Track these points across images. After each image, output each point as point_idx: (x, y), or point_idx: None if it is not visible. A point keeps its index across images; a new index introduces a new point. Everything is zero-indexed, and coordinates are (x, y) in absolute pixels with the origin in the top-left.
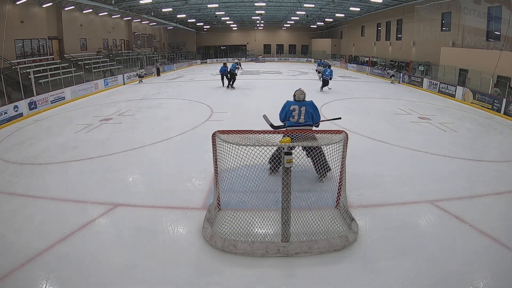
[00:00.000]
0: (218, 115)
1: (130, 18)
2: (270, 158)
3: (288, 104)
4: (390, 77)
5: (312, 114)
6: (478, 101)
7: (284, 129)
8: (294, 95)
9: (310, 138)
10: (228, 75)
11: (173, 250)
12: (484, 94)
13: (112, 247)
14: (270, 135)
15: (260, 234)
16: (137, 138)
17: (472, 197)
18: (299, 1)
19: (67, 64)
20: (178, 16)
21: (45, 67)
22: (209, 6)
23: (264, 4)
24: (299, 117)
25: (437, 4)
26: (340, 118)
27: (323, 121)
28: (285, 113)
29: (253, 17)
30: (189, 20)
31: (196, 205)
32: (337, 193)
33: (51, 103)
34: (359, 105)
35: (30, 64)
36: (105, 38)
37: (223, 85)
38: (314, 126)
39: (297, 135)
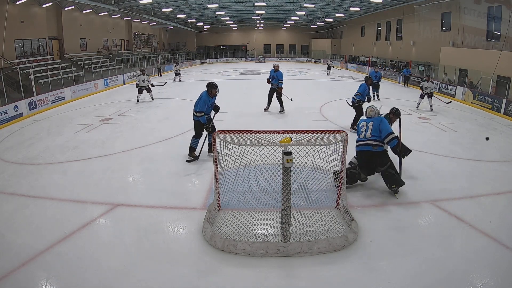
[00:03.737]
0: (218, 115)
1: (130, 18)
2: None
3: (360, 121)
4: (426, 95)
5: (379, 129)
6: (478, 101)
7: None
8: (366, 112)
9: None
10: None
11: (173, 250)
12: (484, 94)
13: (112, 247)
14: (270, 135)
15: (260, 234)
16: (137, 138)
17: (472, 197)
18: (299, 1)
19: (67, 64)
20: (178, 16)
21: (45, 67)
22: (209, 6)
23: (264, 4)
24: (366, 132)
25: (437, 4)
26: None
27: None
28: (359, 129)
29: (253, 17)
30: (189, 20)
31: (196, 205)
32: (337, 193)
33: (51, 103)
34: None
35: (30, 64)
36: (105, 38)
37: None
38: (386, 144)
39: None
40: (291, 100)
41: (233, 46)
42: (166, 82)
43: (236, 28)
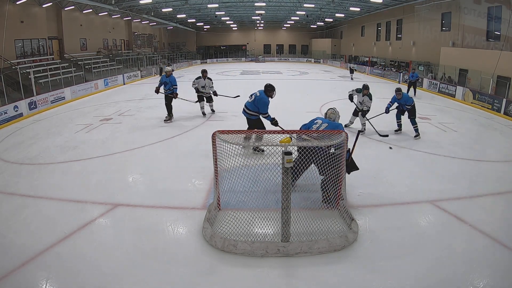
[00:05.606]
0: (218, 115)
1: (130, 18)
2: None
3: (314, 118)
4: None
5: None
6: (478, 101)
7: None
8: (326, 113)
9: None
10: None
11: (173, 250)
12: (484, 94)
13: (112, 247)
14: (270, 135)
15: (260, 234)
16: (137, 138)
17: (472, 197)
18: (299, 1)
19: (67, 64)
20: (178, 16)
21: (45, 67)
22: (209, 6)
23: (264, 4)
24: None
25: (437, 4)
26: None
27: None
28: (307, 125)
29: (253, 17)
30: (189, 20)
31: (196, 205)
32: (337, 193)
33: (51, 103)
34: None
35: (30, 64)
36: (105, 38)
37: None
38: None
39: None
40: (237, 97)
41: (233, 46)
42: (238, 96)
43: (236, 28)
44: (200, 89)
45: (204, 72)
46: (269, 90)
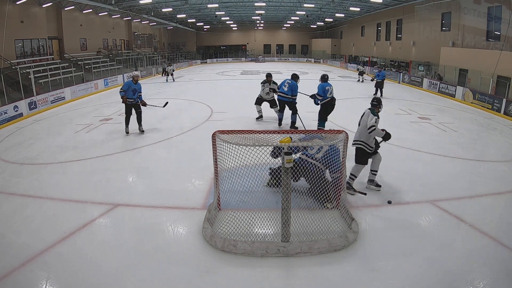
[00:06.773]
0: (218, 115)
1: (130, 18)
2: (272, 171)
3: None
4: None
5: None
6: (478, 101)
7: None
8: None
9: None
10: None
11: (173, 250)
12: (484, 94)
13: (112, 247)
14: (270, 135)
15: (260, 234)
16: (137, 138)
17: (472, 197)
18: (299, 1)
19: (67, 64)
20: (178, 16)
21: (45, 67)
22: (209, 6)
23: (264, 4)
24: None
25: (437, 4)
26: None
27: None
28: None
29: (253, 17)
30: (189, 20)
31: (196, 205)
32: (337, 193)
33: (51, 103)
34: (359, 105)
35: (30, 64)
36: (105, 38)
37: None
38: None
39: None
40: (165, 105)
41: (233, 46)
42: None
43: (236, 28)
44: (263, 95)
45: (269, 76)
46: (297, 77)
